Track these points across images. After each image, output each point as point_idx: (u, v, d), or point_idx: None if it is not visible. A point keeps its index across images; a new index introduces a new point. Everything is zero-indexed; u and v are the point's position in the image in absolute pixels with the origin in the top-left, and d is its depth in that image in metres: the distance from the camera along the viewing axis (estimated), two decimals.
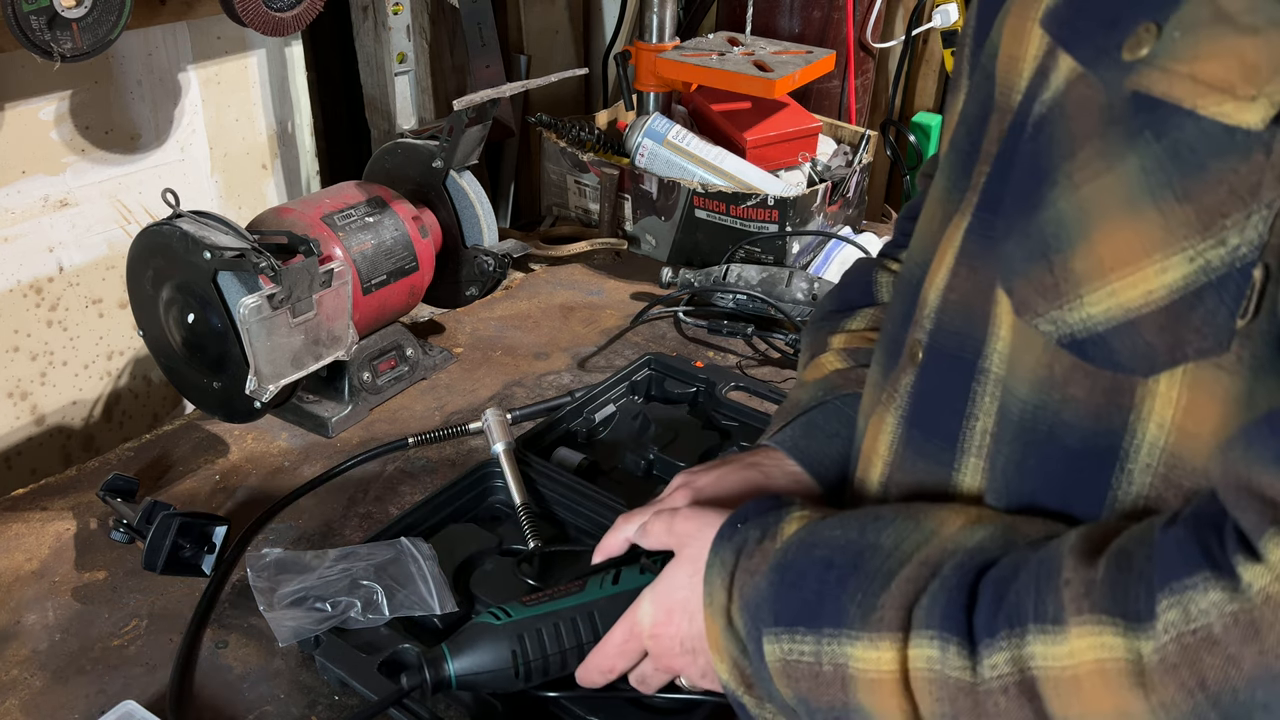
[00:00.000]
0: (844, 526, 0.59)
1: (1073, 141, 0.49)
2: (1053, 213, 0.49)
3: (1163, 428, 0.48)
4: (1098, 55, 0.49)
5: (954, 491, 0.59)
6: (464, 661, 0.74)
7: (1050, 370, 0.52)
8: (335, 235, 1.16)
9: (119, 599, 0.94)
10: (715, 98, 1.67)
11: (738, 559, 0.62)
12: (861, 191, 1.67)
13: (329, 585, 0.88)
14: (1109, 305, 0.47)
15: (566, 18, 2.03)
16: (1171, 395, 0.48)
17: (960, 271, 0.59)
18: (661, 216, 1.59)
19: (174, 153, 1.38)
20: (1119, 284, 0.47)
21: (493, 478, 1.04)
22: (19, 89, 1.20)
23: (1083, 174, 0.48)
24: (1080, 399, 0.51)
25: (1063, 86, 0.51)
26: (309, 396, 1.20)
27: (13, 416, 1.29)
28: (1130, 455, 0.50)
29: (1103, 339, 0.48)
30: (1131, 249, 0.46)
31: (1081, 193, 0.48)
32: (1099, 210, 0.47)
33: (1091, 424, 0.51)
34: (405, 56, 1.62)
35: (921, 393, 0.61)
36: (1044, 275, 0.50)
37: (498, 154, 1.96)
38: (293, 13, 1.25)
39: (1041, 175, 0.51)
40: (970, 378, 0.57)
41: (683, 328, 1.42)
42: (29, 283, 1.27)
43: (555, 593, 0.76)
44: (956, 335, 0.58)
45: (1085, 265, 0.48)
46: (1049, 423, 0.52)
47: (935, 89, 2.28)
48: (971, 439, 0.57)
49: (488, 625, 0.74)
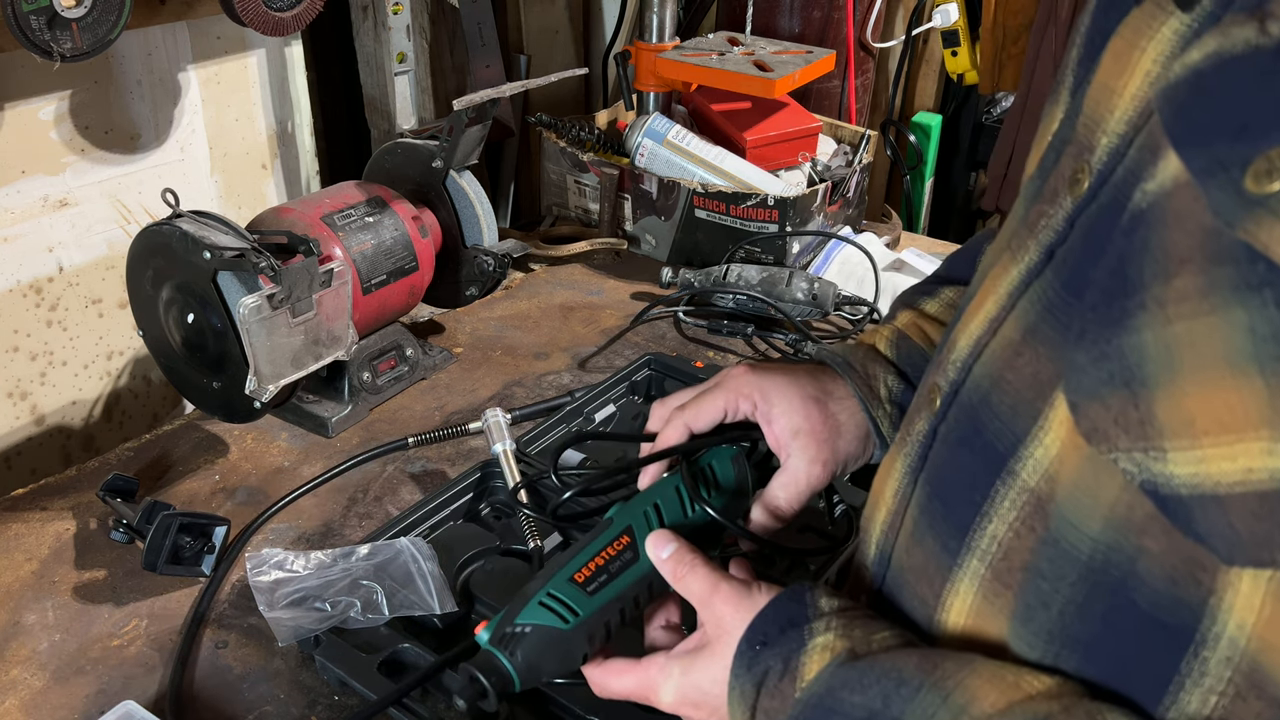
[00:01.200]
0: (865, 690, 0.52)
1: (1169, 262, 0.40)
2: (1136, 340, 0.41)
3: (1243, 629, 0.41)
4: (1212, 169, 0.38)
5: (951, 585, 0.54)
6: (527, 669, 0.65)
7: (1130, 512, 0.44)
8: (335, 235, 1.16)
9: (119, 599, 0.94)
10: (715, 98, 1.66)
11: (758, 694, 0.57)
12: (861, 191, 1.67)
13: (329, 585, 0.88)
14: (1196, 471, 0.40)
15: (566, 18, 2.03)
16: (1255, 601, 0.41)
17: (1016, 343, 0.51)
18: (661, 216, 1.59)
19: (174, 153, 1.38)
20: (1211, 451, 0.39)
21: (493, 478, 1.04)
22: (19, 89, 1.20)
23: (1176, 308, 0.40)
24: (1156, 554, 0.44)
25: (1170, 186, 0.41)
26: (309, 396, 1.20)
27: (12, 416, 1.29)
28: (1207, 643, 0.43)
29: (1184, 503, 0.41)
30: (1233, 416, 0.38)
31: (1174, 330, 0.40)
32: (1192, 359, 0.39)
33: (1167, 588, 0.43)
34: (405, 56, 1.61)
35: (940, 459, 0.56)
36: (1128, 409, 0.42)
37: (498, 154, 1.96)
38: (293, 13, 1.25)
39: (1129, 288, 0.42)
40: (995, 474, 0.51)
41: (683, 328, 1.42)
42: (29, 283, 1.27)
43: (610, 563, 0.67)
44: (994, 416, 0.52)
45: (1170, 416, 0.40)
46: (1123, 570, 0.45)
47: (935, 89, 2.28)
48: (979, 539, 0.52)
49: (554, 630, 0.65)
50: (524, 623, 0.65)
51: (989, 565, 0.51)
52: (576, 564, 0.67)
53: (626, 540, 0.68)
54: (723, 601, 0.61)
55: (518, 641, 0.64)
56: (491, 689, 0.64)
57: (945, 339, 0.58)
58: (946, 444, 0.56)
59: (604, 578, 0.66)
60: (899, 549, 0.59)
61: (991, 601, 0.52)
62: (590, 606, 0.65)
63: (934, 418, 0.57)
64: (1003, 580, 0.51)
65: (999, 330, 0.53)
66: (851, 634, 0.56)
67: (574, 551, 0.68)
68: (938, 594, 0.55)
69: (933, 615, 0.56)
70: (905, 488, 0.59)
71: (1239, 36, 0.38)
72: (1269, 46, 0.37)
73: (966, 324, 0.56)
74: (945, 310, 0.77)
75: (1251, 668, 0.41)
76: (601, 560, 0.67)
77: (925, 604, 0.56)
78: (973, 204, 2.40)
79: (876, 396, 0.73)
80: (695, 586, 0.63)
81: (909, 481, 0.58)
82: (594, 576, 0.66)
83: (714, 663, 0.60)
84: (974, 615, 0.53)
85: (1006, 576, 0.51)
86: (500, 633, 0.65)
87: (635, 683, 0.64)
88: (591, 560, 0.67)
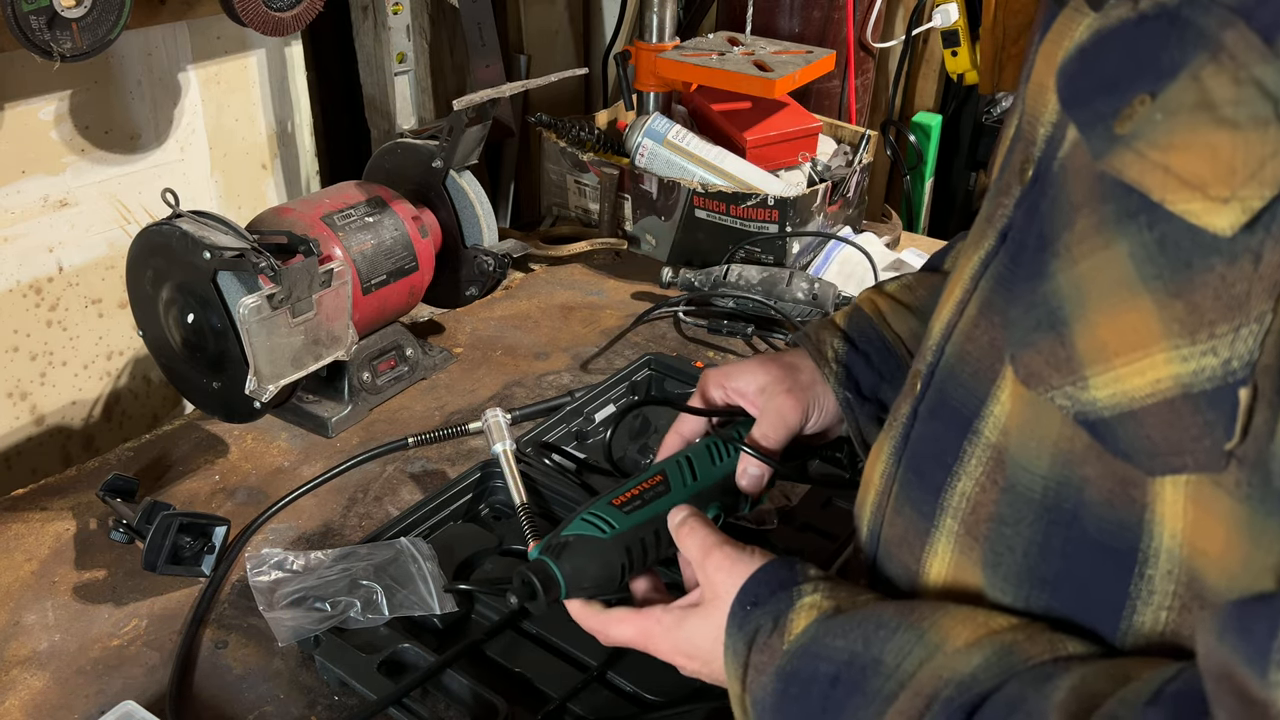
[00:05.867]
0: (847, 635, 0.56)
1: (1072, 211, 0.47)
2: (1053, 285, 0.47)
3: (1175, 538, 0.45)
4: (1093, 122, 0.45)
5: (930, 546, 0.58)
6: (572, 573, 0.72)
7: (1071, 445, 0.49)
8: (335, 235, 1.16)
9: (119, 599, 0.94)
10: (715, 98, 1.66)
11: (749, 651, 0.61)
12: (861, 191, 1.67)
13: (329, 585, 0.88)
14: (1113, 391, 0.45)
15: (566, 18, 2.03)
16: (1178, 506, 0.45)
17: (975, 317, 0.56)
18: (661, 216, 1.58)
19: (174, 153, 1.38)
20: (1124, 370, 0.44)
21: (493, 478, 1.04)
22: (19, 89, 1.20)
23: (1080, 248, 0.46)
24: (1095, 481, 0.48)
25: (1070, 149, 0.48)
26: (309, 396, 1.20)
27: (12, 416, 1.29)
28: (1149, 559, 0.47)
29: (1108, 424, 0.45)
30: (1136, 335, 0.43)
31: (1079, 269, 0.46)
32: (1096, 290, 0.45)
33: (1109, 512, 0.48)
34: (405, 56, 1.61)
35: (918, 435, 0.60)
36: (1055, 348, 0.47)
37: (498, 154, 1.96)
38: (292, 13, 1.25)
39: (1045, 242, 0.48)
40: (962, 436, 0.55)
41: (683, 328, 1.42)
42: (29, 283, 1.27)
43: (644, 493, 0.76)
44: (960, 386, 0.56)
45: (1087, 345, 0.45)
46: (1073, 501, 0.49)
47: (935, 89, 2.28)
48: (950, 498, 0.56)
49: (595, 539, 0.73)
50: (569, 534, 0.73)
51: (960, 520, 0.55)
52: (616, 493, 0.76)
53: (660, 478, 0.78)
54: (716, 565, 0.66)
55: (564, 548, 0.73)
56: (541, 589, 0.71)
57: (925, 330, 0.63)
58: (923, 420, 0.60)
59: (638, 503, 0.76)
60: (885, 525, 0.63)
61: (966, 554, 0.55)
62: (626, 523, 0.74)
63: (915, 400, 0.61)
64: (973, 534, 0.55)
65: (964, 311, 0.58)
66: (837, 594, 0.60)
67: (614, 485, 0.77)
68: (918, 558, 0.59)
69: (915, 579, 0.59)
70: (890, 468, 0.62)
71: (1115, 15, 0.46)
72: (1133, 18, 0.44)
73: (940, 311, 0.60)
74: (902, 289, 0.84)
75: (1190, 577, 0.45)
76: (637, 490, 0.76)
77: (908, 570, 0.60)
78: (973, 204, 2.40)
79: (824, 357, 0.81)
80: (694, 547, 0.69)
81: (894, 462, 0.62)
82: (630, 502, 0.76)
83: (708, 620, 0.65)
84: (952, 569, 0.57)
85: (975, 529, 0.55)
86: (549, 543, 0.74)
87: (634, 631, 0.70)
88: (629, 491, 0.76)
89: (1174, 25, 0.42)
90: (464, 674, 0.81)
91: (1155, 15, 0.43)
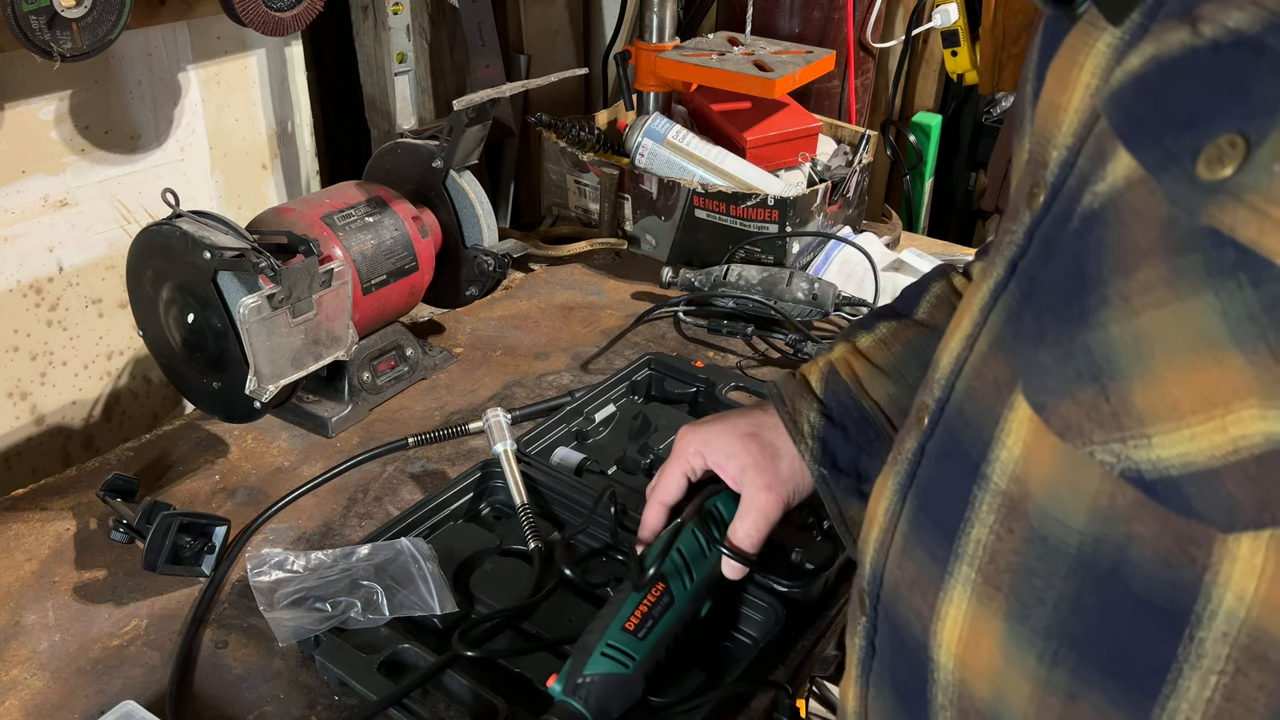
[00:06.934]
0: None
1: (1127, 256, 0.42)
2: (1102, 335, 0.43)
3: (1242, 599, 0.42)
4: (1165, 162, 0.40)
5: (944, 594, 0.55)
6: (598, 712, 0.76)
7: (1113, 501, 0.45)
8: (335, 235, 1.16)
9: (119, 599, 0.94)
10: (715, 98, 1.66)
11: None
12: (861, 192, 1.67)
13: (329, 585, 0.88)
14: (1186, 450, 0.41)
15: (566, 18, 2.03)
16: (1255, 562, 0.41)
17: (985, 353, 0.54)
18: (661, 216, 1.58)
19: (174, 153, 1.38)
20: (1201, 428, 0.40)
21: (493, 478, 1.04)
22: (19, 89, 1.20)
23: (1142, 300, 0.41)
24: (1148, 539, 0.44)
25: (1121, 185, 0.43)
26: (309, 396, 1.20)
27: (12, 416, 1.29)
28: (1203, 621, 0.43)
29: (1175, 483, 0.42)
30: (1219, 392, 0.39)
31: (1140, 320, 0.41)
32: (1165, 345, 0.41)
33: (1160, 571, 0.44)
34: (405, 56, 1.61)
35: (926, 474, 0.58)
36: (1099, 402, 0.44)
37: (498, 154, 1.96)
38: (293, 13, 1.25)
39: (1088, 285, 0.44)
40: (971, 479, 0.53)
41: (683, 328, 1.42)
42: (29, 283, 1.27)
43: (653, 609, 0.80)
44: (968, 425, 0.54)
45: (1151, 402, 0.42)
46: (1112, 559, 0.46)
47: (935, 89, 2.28)
48: (965, 545, 0.54)
49: (618, 675, 0.76)
50: (591, 673, 0.76)
51: (978, 569, 0.53)
52: (625, 614, 0.79)
53: (662, 587, 0.81)
54: None
55: (588, 689, 0.76)
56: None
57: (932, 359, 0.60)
58: (931, 458, 0.58)
59: (650, 623, 0.79)
60: (890, 565, 0.60)
61: (985, 605, 0.53)
62: (643, 650, 0.78)
63: (922, 435, 0.58)
64: (992, 583, 0.52)
65: (975, 345, 0.55)
66: None
67: (620, 602, 0.80)
68: (932, 604, 0.56)
69: (929, 627, 0.56)
70: (895, 505, 0.60)
71: (1174, 40, 0.41)
72: (1203, 45, 0.39)
73: (948, 343, 0.58)
74: (876, 346, 0.83)
75: (1252, 638, 0.42)
76: (645, 607, 0.80)
77: (921, 616, 0.57)
78: (973, 204, 2.40)
79: (800, 431, 0.81)
80: None
81: (899, 499, 0.60)
82: (642, 623, 0.79)
83: None
84: (969, 619, 0.54)
85: (995, 579, 0.52)
86: (572, 684, 0.76)
87: None
88: (637, 609, 0.79)
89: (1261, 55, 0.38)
90: (464, 674, 0.81)
91: (1234, 44, 0.39)
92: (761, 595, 0.89)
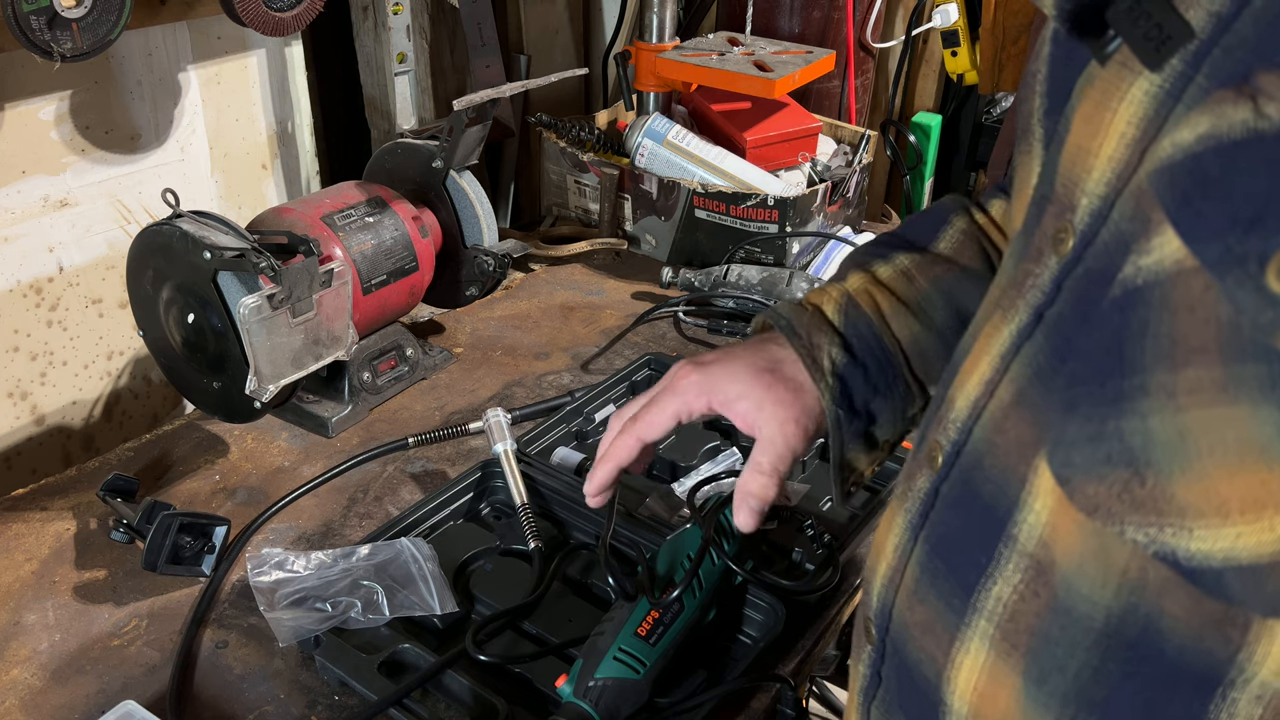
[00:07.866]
0: None
1: (1176, 350, 0.39)
2: (1140, 425, 0.41)
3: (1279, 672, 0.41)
4: (1227, 263, 0.36)
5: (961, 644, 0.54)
6: (610, 715, 0.76)
7: (1144, 576, 0.44)
8: (335, 235, 1.16)
9: (119, 599, 0.94)
10: (715, 98, 1.66)
11: None
12: (861, 191, 1.67)
13: (329, 585, 0.88)
14: (1231, 546, 0.39)
15: (566, 18, 2.03)
16: None
17: (1008, 407, 0.52)
18: (661, 216, 1.58)
19: (174, 153, 1.38)
20: (1248, 527, 0.39)
21: (493, 478, 1.04)
22: (19, 89, 1.20)
23: (1190, 398, 0.39)
24: (1178, 615, 0.43)
25: (1171, 269, 0.40)
26: (309, 396, 1.20)
27: (13, 416, 1.29)
28: (1237, 685, 0.42)
29: (1217, 573, 0.41)
30: (1269, 495, 0.38)
31: (1186, 418, 0.39)
32: (1211, 445, 0.39)
33: (1194, 643, 0.43)
34: (405, 56, 1.62)
35: (942, 519, 0.56)
36: (1132, 486, 0.42)
37: (498, 154, 1.96)
38: (293, 13, 1.25)
39: (1127, 368, 0.42)
40: (996, 536, 0.51)
41: (683, 328, 1.42)
42: (29, 283, 1.27)
43: (664, 616, 0.81)
44: (989, 481, 0.52)
45: (1195, 498, 0.40)
46: (1140, 627, 0.45)
47: (935, 89, 2.28)
48: (985, 600, 0.52)
49: (629, 680, 0.77)
50: (602, 676, 0.77)
51: (997, 626, 0.52)
52: (637, 618, 0.80)
53: (677, 600, 0.82)
54: None
55: (599, 693, 0.76)
56: None
57: (941, 395, 0.58)
58: (947, 504, 0.56)
59: (661, 629, 0.80)
60: (900, 604, 0.59)
61: (1003, 660, 0.52)
62: (654, 655, 0.79)
63: (936, 476, 0.56)
64: (1011, 641, 0.51)
65: (995, 393, 0.53)
66: None
67: (633, 607, 0.81)
68: (947, 652, 0.55)
69: (943, 672, 0.56)
70: (906, 543, 0.59)
71: (1234, 118, 0.37)
72: (1270, 131, 0.35)
73: (963, 383, 0.56)
74: (898, 278, 0.75)
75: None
76: (657, 614, 0.80)
77: (934, 660, 0.56)
78: None
79: (820, 368, 0.72)
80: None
81: (909, 537, 0.58)
82: (653, 629, 0.79)
83: None
84: (987, 673, 0.53)
85: (1014, 637, 0.51)
86: (583, 686, 0.76)
87: None
88: (649, 615, 0.80)
89: None
90: (464, 674, 0.81)
91: None
92: (762, 595, 0.89)
